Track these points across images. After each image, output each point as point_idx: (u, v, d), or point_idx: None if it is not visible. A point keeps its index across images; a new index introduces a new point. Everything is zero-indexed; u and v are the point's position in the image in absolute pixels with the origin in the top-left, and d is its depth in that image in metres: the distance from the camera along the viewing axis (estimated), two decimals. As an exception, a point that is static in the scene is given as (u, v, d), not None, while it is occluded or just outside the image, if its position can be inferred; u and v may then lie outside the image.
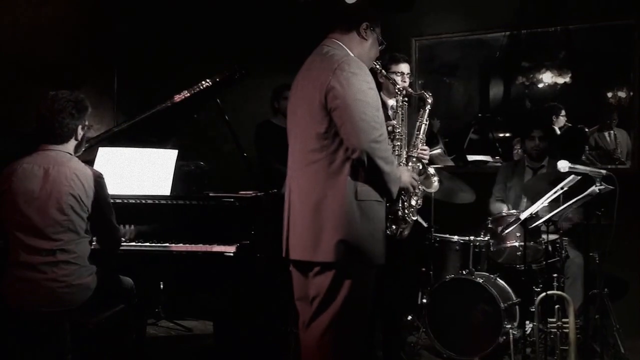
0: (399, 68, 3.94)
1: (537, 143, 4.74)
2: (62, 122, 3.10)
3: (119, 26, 5.54)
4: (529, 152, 4.83)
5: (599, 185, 3.21)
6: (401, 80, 3.90)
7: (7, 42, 4.63)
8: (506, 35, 5.39)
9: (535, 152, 4.76)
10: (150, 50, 5.69)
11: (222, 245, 3.49)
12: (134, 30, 5.62)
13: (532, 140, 4.77)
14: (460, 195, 4.46)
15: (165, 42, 5.69)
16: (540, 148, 4.75)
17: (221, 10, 5.64)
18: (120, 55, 5.59)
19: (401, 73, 3.93)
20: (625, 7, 4.81)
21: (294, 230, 2.77)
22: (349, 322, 2.70)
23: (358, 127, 2.59)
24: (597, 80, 5.68)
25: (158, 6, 5.68)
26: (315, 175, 2.68)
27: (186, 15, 5.70)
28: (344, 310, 2.67)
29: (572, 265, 4.32)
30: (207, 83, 3.82)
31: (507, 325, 3.98)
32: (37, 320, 3.07)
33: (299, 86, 2.82)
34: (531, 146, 4.78)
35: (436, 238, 4.42)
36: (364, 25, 2.83)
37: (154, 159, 3.81)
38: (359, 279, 2.69)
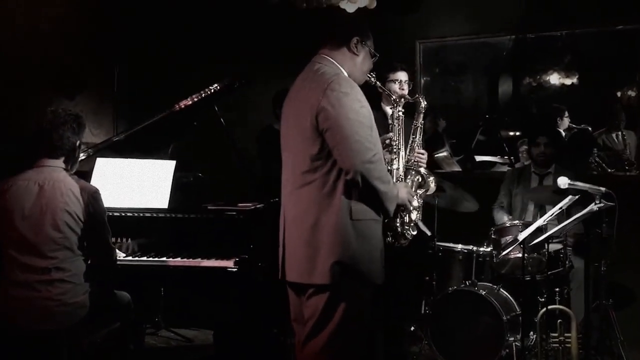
0: (397, 76, 3.92)
1: (543, 150, 4.68)
2: (63, 136, 3.11)
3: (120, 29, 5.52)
4: (534, 158, 4.77)
5: (598, 202, 3.18)
6: (399, 88, 3.88)
7: (6, 44, 4.62)
8: (512, 39, 5.35)
9: (541, 159, 4.70)
10: (151, 54, 5.67)
11: (221, 259, 3.50)
12: (134, 33, 5.61)
13: (538, 147, 4.70)
14: (464, 205, 4.44)
15: (167, 46, 5.68)
16: (546, 154, 4.68)
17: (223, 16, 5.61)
18: (120, 59, 5.58)
19: (399, 81, 3.90)
20: (632, 13, 4.76)
21: (290, 252, 2.77)
22: (344, 343, 2.68)
23: (351, 148, 2.57)
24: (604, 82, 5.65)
25: (159, 10, 5.67)
26: (309, 197, 2.67)
27: (188, 19, 5.69)
28: (338, 331, 2.66)
29: (577, 274, 4.29)
30: (209, 90, 3.82)
31: (509, 337, 3.96)
32: (32, 339, 3.06)
33: (291, 106, 2.81)
34: (537, 153, 4.72)
35: (439, 247, 4.39)
36: (355, 40, 2.81)
37: (152, 170, 3.80)
38: (354, 300, 2.67)
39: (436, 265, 4.35)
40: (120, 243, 3.61)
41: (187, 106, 3.84)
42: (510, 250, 3.99)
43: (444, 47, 5.55)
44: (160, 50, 5.67)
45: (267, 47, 5.41)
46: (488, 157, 5.92)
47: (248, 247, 3.48)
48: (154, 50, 5.67)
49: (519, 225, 4.13)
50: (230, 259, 3.47)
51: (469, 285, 4.17)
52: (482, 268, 4.37)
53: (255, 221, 3.59)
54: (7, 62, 4.59)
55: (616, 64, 5.38)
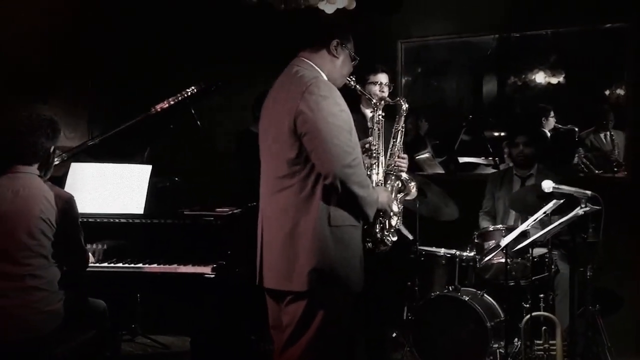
0: (377, 78, 3.96)
1: (522, 149, 4.71)
2: (37, 141, 3.13)
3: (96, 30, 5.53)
4: (514, 159, 4.80)
5: (583, 206, 3.25)
6: (379, 91, 3.92)
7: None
8: (495, 38, 5.42)
9: (521, 159, 4.73)
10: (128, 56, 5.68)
11: (198, 265, 3.56)
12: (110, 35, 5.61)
13: (517, 147, 4.74)
14: (445, 212, 4.47)
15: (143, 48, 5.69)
16: (526, 154, 4.71)
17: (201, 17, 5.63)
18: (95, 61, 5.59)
19: (379, 83, 3.95)
20: (617, 11, 4.83)
21: (267, 258, 2.81)
22: (323, 350, 2.73)
23: (330, 153, 2.61)
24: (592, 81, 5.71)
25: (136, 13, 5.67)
26: (287, 202, 2.71)
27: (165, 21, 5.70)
28: (317, 338, 2.70)
29: (563, 280, 4.35)
30: (186, 93, 3.86)
31: (493, 344, 4.01)
32: (6, 349, 3.08)
33: (269, 110, 2.85)
34: (516, 153, 4.75)
35: (422, 251, 4.44)
36: (334, 42, 2.85)
37: (127, 174, 3.84)
38: (333, 306, 2.71)
39: (418, 270, 4.39)
40: (96, 249, 3.64)
41: (163, 109, 3.88)
42: (493, 255, 4.05)
43: (426, 46, 5.61)
44: (137, 52, 5.68)
45: (245, 49, 5.44)
46: (472, 159, 5.97)
47: (225, 252, 3.53)
48: (130, 53, 5.69)
49: (502, 229, 4.19)
50: (208, 265, 3.52)
51: (452, 291, 4.22)
52: (465, 273, 4.41)
53: (233, 226, 3.64)
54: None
55: (603, 62, 5.43)
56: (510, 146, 4.84)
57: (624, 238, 4.68)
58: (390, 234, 3.13)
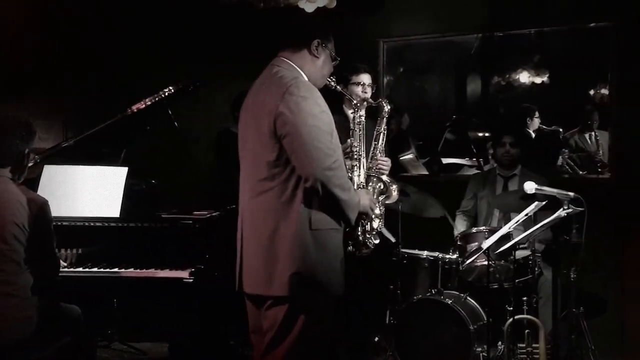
0: (360, 78, 3.97)
1: (508, 149, 4.73)
2: (12, 144, 3.10)
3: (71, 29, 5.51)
4: (499, 159, 4.83)
5: (566, 208, 3.29)
6: (362, 91, 3.94)
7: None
8: (478, 38, 5.47)
9: (506, 159, 4.76)
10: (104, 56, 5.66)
11: (175, 270, 3.55)
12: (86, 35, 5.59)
13: (503, 147, 4.76)
14: (429, 210, 4.51)
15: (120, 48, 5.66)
16: (512, 155, 4.74)
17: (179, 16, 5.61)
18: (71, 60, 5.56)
19: (362, 84, 3.97)
20: (601, 10, 4.88)
21: (247, 262, 2.81)
22: (304, 355, 2.73)
23: (311, 155, 2.61)
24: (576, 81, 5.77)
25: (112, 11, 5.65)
26: (267, 205, 2.71)
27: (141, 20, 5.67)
28: (298, 343, 2.71)
29: (546, 282, 4.39)
30: (163, 94, 3.86)
31: (477, 348, 4.03)
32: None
33: (248, 111, 2.84)
34: (501, 152, 4.77)
35: (404, 254, 4.45)
36: (315, 42, 2.85)
37: (102, 177, 3.82)
38: (314, 311, 2.72)
39: (401, 273, 4.40)
40: (70, 253, 3.63)
41: (139, 110, 3.87)
42: (475, 258, 4.08)
43: (409, 46, 5.65)
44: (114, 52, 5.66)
45: (224, 49, 5.44)
46: (455, 160, 6.01)
47: (203, 256, 3.54)
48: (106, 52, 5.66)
49: (485, 231, 4.21)
50: (186, 269, 3.52)
51: (435, 294, 4.23)
52: (448, 276, 4.42)
53: (211, 230, 3.65)
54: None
55: (588, 62, 5.51)
56: (496, 145, 4.86)
57: (609, 239, 4.72)
58: (372, 236, 3.14)
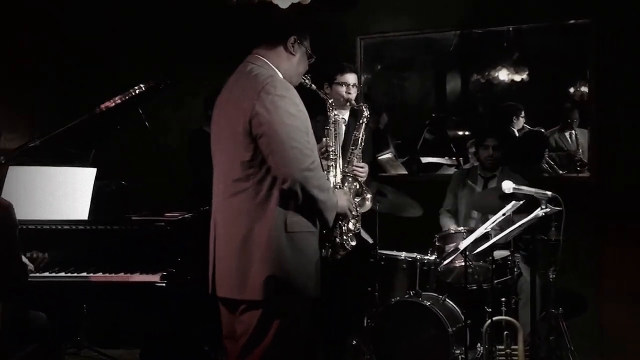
0: (345, 78, 3.97)
1: (491, 153, 4.79)
2: None
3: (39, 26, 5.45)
4: (482, 161, 4.87)
5: (544, 207, 3.32)
6: (345, 92, 3.94)
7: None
8: (456, 35, 5.49)
9: (489, 162, 4.81)
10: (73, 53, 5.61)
11: (146, 274, 3.53)
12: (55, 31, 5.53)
13: (486, 150, 4.81)
14: (407, 210, 4.53)
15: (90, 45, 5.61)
16: (495, 158, 4.79)
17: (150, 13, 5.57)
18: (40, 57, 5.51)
19: (346, 84, 3.97)
20: (580, 7, 4.93)
21: (220, 266, 2.80)
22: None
23: (288, 155, 2.60)
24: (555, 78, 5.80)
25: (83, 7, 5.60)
26: (242, 207, 2.70)
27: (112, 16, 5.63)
28: (273, 348, 2.70)
29: (526, 283, 4.43)
30: (134, 92, 3.83)
31: (456, 350, 4.06)
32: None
33: (222, 110, 2.83)
34: (485, 156, 4.82)
35: (382, 255, 4.47)
36: (291, 39, 2.85)
37: (70, 178, 3.79)
38: (289, 315, 2.72)
39: (378, 274, 4.42)
40: (37, 258, 3.57)
41: (109, 109, 3.83)
42: (452, 259, 4.11)
43: (386, 43, 5.63)
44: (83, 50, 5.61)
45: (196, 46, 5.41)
46: (435, 159, 6.01)
47: (175, 260, 3.52)
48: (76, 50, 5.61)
49: (464, 232, 4.25)
50: (157, 273, 3.50)
51: (413, 296, 4.25)
52: (427, 277, 4.45)
53: (183, 232, 3.63)
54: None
55: (567, 60, 5.54)
56: (479, 147, 4.90)
57: (588, 239, 4.77)
58: (350, 238, 3.14)
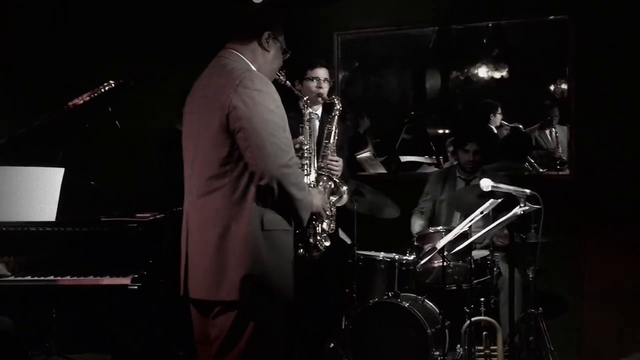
0: (315, 73, 3.97)
1: (472, 158, 4.79)
2: None
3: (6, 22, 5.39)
4: (462, 165, 4.87)
5: (522, 206, 3.34)
6: (316, 87, 3.94)
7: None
8: (435, 31, 5.50)
9: (470, 167, 4.81)
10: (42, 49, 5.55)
11: (116, 276, 3.49)
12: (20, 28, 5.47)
13: (467, 154, 4.81)
14: (385, 210, 4.53)
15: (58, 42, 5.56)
16: (475, 162, 4.80)
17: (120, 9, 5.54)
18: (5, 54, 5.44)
19: (317, 79, 3.97)
20: (559, 3, 4.97)
21: (194, 266, 2.77)
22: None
23: (267, 151, 2.59)
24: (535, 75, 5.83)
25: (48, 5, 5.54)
26: (217, 205, 2.67)
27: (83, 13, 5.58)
28: (248, 352, 2.68)
29: (506, 283, 4.44)
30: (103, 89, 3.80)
31: (435, 352, 4.08)
32: None
33: (195, 105, 2.80)
34: (465, 160, 4.82)
35: (360, 256, 4.47)
36: (266, 34, 2.83)
37: (37, 178, 3.74)
38: (265, 317, 2.70)
39: (356, 275, 4.43)
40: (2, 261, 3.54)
41: (77, 106, 3.79)
42: (429, 258, 4.11)
43: (364, 39, 5.64)
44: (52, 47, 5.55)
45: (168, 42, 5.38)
46: (414, 158, 6.04)
47: (147, 262, 3.49)
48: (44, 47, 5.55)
49: (443, 231, 4.25)
50: (128, 276, 3.47)
51: (392, 297, 4.26)
52: (406, 278, 4.46)
53: (155, 233, 3.59)
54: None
55: (547, 56, 5.58)
56: (459, 150, 4.90)
57: (568, 238, 4.81)
58: (324, 238, 3.15)
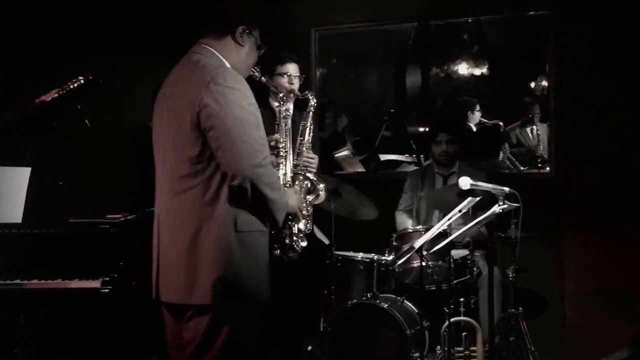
0: (285, 69, 3.95)
1: (445, 149, 4.77)
2: None
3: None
4: (436, 158, 4.86)
5: (501, 204, 3.34)
6: (288, 83, 3.92)
7: None
8: (414, 27, 5.50)
9: (443, 158, 4.80)
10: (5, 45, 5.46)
11: (86, 279, 3.48)
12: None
13: (439, 145, 4.79)
14: (363, 211, 4.52)
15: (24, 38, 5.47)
16: (449, 153, 4.78)
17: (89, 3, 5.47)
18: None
19: (288, 75, 3.95)
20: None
21: (165, 268, 2.75)
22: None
23: (239, 150, 2.57)
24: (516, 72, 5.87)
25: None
26: (189, 205, 2.66)
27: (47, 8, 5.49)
28: (223, 356, 2.67)
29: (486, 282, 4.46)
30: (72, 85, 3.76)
31: (414, 353, 4.07)
32: None
33: (166, 103, 2.78)
34: (438, 152, 4.81)
35: (338, 256, 4.45)
36: (240, 29, 2.81)
37: (2, 178, 3.70)
38: (239, 320, 2.69)
39: (335, 276, 4.39)
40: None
41: (45, 103, 3.75)
42: (407, 258, 4.10)
43: (343, 35, 5.62)
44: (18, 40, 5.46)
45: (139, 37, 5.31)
46: (394, 156, 6.06)
47: (118, 264, 3.47)
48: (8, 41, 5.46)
49: (422, 231, 4.23)
50: (98, 279, 3.45)
51: (370, 298, 4.25)
52: (385, 278, 4.46)
53: (126, 234, 3.58)
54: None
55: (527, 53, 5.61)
56: (432, 144, 4.89)
57: (549, 237, 4.82)
58: (300, 239, 3.15)
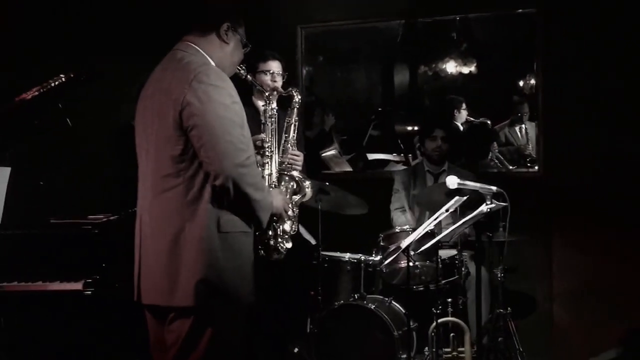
0: (268, 66, 3.95)
1: (440, 144, 4.78)
2: None
3: None
4: (429, 154, 4.87)
5: (489, 203, 3.34)
6: (271, 80, 3.91)
7: None
8: (401, 24, 5.49)
9: (437, 155, 4.81)
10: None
11: (67, 282, 3.46)
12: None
13: (434, 141, 4.80)
14: (350, 210, 4.51)
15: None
16: (443, 150, 4.80)
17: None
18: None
19: (271, 72, 3.94)
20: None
21: (147, 270, 2.73)
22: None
23: (222, 150, 2.56)
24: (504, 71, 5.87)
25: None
26: (171, 205, 2.64)
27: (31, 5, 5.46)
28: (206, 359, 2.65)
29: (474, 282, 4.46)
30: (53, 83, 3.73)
31: (402, 354, 4.07)
32: None
33: (149, 101, 2.76)
34: (432, 147, 4.82)
35: (325, 257, 4.45)
36: (225, 26, 2.80)
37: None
38: (223, 322, 2.67)
39: (321, 277, 4.39)
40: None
41: (25, 102, 3.72)
42: (394, 258, 4.10)
43: (329, 32, 5.60)
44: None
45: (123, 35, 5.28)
46: (381, 155, 6.06)
47: (100, 266, 3.45)
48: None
49: (409, 231, 4.24)
50: (79, 281, 3.43)
51: (358, 299, 4.25)
52: (372, 279, 4.47)
53: (108, 236, 3.56)
54: None
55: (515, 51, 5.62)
56: (425, 139, 4.89)
57: (537, 237, 4.83)
58: (285, 240, 3.12)
